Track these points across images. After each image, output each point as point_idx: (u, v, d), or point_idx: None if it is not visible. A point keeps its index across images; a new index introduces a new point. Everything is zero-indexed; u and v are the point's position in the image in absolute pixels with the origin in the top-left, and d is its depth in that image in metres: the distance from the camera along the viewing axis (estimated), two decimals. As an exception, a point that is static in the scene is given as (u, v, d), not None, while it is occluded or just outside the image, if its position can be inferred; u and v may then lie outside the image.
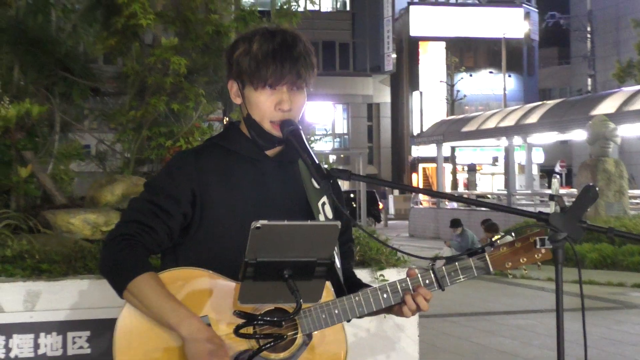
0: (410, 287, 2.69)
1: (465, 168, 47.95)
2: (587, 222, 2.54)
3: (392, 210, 49.12)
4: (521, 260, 2.73)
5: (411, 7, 57.16)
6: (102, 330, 4.30)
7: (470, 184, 44.16)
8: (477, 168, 48.01)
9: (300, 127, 2.67)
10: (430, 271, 2.72)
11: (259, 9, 7.20)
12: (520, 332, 11.16)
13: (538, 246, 2.64)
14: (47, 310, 4.31)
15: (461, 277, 2.72)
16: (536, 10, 61.56)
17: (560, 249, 2.54)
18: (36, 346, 4.24)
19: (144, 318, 2.52)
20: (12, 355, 4.20)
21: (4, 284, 4.29)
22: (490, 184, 51.52)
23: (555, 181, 25.02)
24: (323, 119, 53.01)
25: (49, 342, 4.27)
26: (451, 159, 42.03)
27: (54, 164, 6.57)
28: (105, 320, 4.26)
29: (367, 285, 2.83)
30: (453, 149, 39.93)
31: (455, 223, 19.72)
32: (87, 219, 5.47)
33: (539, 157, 49.22)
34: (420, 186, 54.35)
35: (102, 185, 5.92)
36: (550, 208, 21.92)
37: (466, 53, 58.12)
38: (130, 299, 2.51)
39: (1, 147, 5.90)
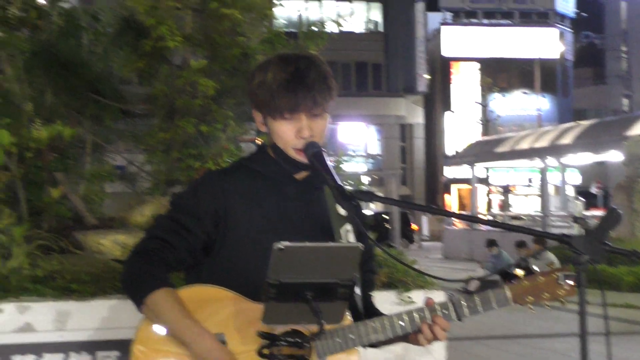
0: (428, 317, 2.68)
1: (499, 189, 47.71)
2: (610, 245, 2.51)
3: (426, 232, 48.92)
4: (543, 295, 2.66)
5: (444, 27, 57.12)
6: (130, 350, 4.32)
7: (505, 205, 43.90)
8: (511, 189, 47.74)
9: (324, 150, 2.68)
10: (449, 302, 2.70)
11: (288, 29, 7.24)
12: (556, 356, 11.03)
13: (560, 282, 2.60)
14: (77, 329, 4.35)
15: (479, 308, 2.70)
16: (570, 30, 61.24)
17: (584, 272, 2.52)
18: (66, 366, 4.28)
19: (159, 339, 2.54)
20: (42, 374, 4.24)
21: (35, 303, 4.34)
22: (524, 205, 51.15)
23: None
24: (356, 140, 53.05)
25: (79, 362, 4.31)
26: (485, 180, 41.79)
27: (85, 185, 6.64)
28: (134, 340, 4.28)
29: (385, 315, 2.83)
30: (487, 169, 39.67)
31: (492, 243, 19.64)
32: (117, 240, 5.52)
33: (574, 178, 48.83)
34: (454, 208, 54.08)
35: (131, 206, 5.98)
36: (574, 230, 21.73)
37: (499, 73, 57.88)
38: (147, 313, 2.54)
39: (33, 169, 5.98)
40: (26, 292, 4.45)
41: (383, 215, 38.11)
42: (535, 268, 16.86)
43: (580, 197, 42.85)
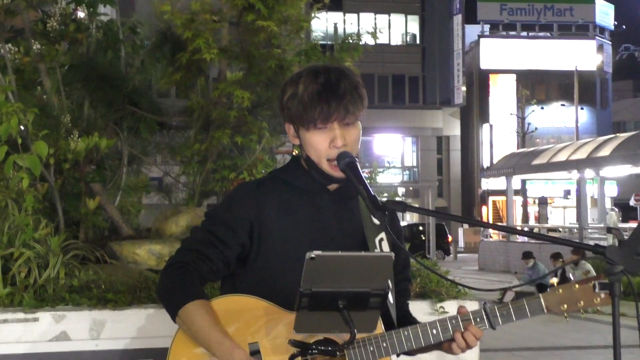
0: (461, 325, 2.69)
1: (536, 201, 47.33)
2: (645, 256, 2.50)
3: (461, 243, 48.70)
4: (578, 304, 2.67)
5: (482, 40, 56.91)
6: (165, 359, 4.35)
7: (542, 217, 43.56)
8: (549, 201, 47.36)
9: (357, 160, 2.69)
10: (482, 310, 2.70)
11: (324, 42, 7.27)
12: (591, 368, 10.94)
13: (597, 290, 2.60)
14: (112, 339, 4.38)
15: (513, 317, 2.70)
16: (609, 42, 60.76)
17: (617, 282, 2.51)
18: (101, 374, 4.31)
19: (193, 349, 2.58)
20: (78, 382, 4.28)
21: (71, 312, 4.38)
22: (562, 217, 50.73)
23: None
24: (392, 151, 52.99)
25: (114, 371, 4.34)
26: (522, 192, 41.47)
27: (121, 197, 6.71)
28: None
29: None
30: (524, 181, 39.34)
31: (528, 255, 19.54)
32: (152, 250, 5.56)
33: (612, 190, 48.35)
34: (491, 219, 53.75)
35: (167, 217, 6.03)
36: (608, 241, 21.50)
37: (537, 85, 57.55)
38: (181, 324, 2.58)
39: (71, 180, 6.04)
40: (62, 301, 4.49)
41: (418, 227, 38.04)
42: (571, 276, 16.76)
43: (615, 208, 42.38)
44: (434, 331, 2.68)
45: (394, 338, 2.65)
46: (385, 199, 2.64)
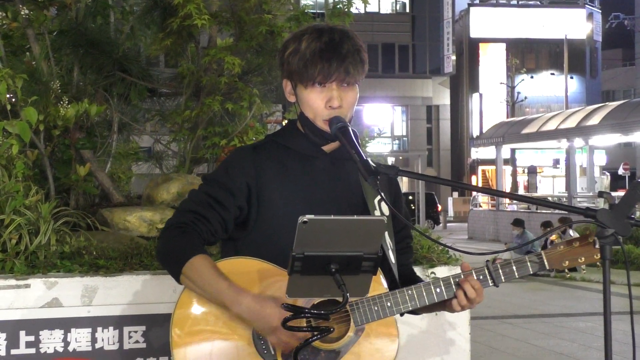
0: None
1: (526, 170, 47.45)
2: (635, 219, 2.52)
3: (451, 213, 48.85)
4: (579, 259, 2.73)
5: (471, 8, 56.75)
6: (157, 325, 4.37)
7: (531, 187, 43.70)
8: (538, 170, 47.47)
9: (349, 124, 2.69)
10: (485, 267, 2.73)
11: (313, 10, 7.24)
12: (579, 335, 11.03)
13: (597, 245, 2.62)
14: (104, 305, 4.39)
15: (516, 273, 2.73)
16: (599, 11, 60.64)
17: (608, 245, 2.53)
18: (93, 340, 4.32)
19: (200, 307, 2.58)
20: (70, 348, 4.29)
21: (63, 279, 4.38)
22: (551, 186, 50.90)
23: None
24: (382, 120, 52.97)
25: (106, 337, 4.35)
26: (511, 161, 41.56)
27: (112, 163, 6.69)
28: (160, 315, 4.34)
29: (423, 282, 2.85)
30: (513, 151, 39.46)
31: (518, 222, 19.62)
32: (144, 217, 5.56)
33: (601, 159, 48.49)
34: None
35: (158, 184, 6.01)
36: (599, 204, 21.62)
37: (527, 54, 57.51)
38: (186, 282, 2.58)
39: (61, 147, 6.02)
40: (54, 267, 4.49)
41: (408, 197, 38.14)
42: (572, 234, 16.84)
43: (606, 172, 42.56)
44: (438, 289, 2.70)
45: (398, 297, 2.67)
46: (376, 163, 2.64)
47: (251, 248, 2.70)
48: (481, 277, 2.71)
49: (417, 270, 4.83)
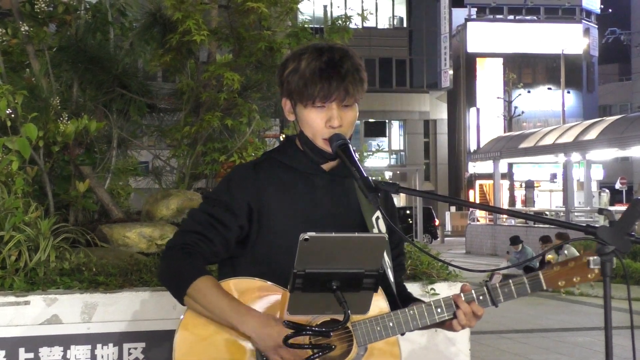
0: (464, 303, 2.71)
1: (523, 185, 47.47)
2: (635, 236, 2.53)
3: (448, 227, 48.83)
4: (574, 279, 2.74)
5: (469, 23, 56.91)
6: (157, 342, 4.36)
7: (528, 201, 43.70)
8: (535, 185, 47.49)
9: (350, 142, 2.70)
10: (484, 287, 2.74)
11: (312, 25, 7.25)
12: (578, 349, 11.02)
13: (591, 266, 2.65)
14: (104, 321, 4.38)
15: (514, 294, 2.74)
16: (595, 26, 60.83)
17: (609, 262, 2.54)
18: (93, 357, 4.31)
19: (203, 328, 2.58)
20: (69, 365, 4.28)
21: (62, 295, 4.37)
22: (548, 200, 50.88)
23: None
24: (379, 135, 52.99)
25: (106, 353, 4.34)
26: (508, 176, 41.58)
27: (111, 179, 6.69)
28: (160, 332, 4.33)
29: (417, 300, 2.86)
30: (510, 165, 39.47)
31: (515, 240, 19.62)
32: (143, 233, 5.56)
33: (598, 173, 48.52)
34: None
35: (157, 200, 6.01)
36: (599, 221, 21.62)
37: (524, 69, 57.65)
38: (191, 303, 2.57)
39: (60, 163, 6.02)
40: (53, 284, 4.49)
41: (406, 211, 38.12)
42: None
43: (606, 189, 42.56)
44: (439, 310, 2.70)
45: (400, 317, 2.67)
46: (376, 180, 2.65)
47: (250, 266, 2.70)
48: (481, 297, 2.72)
49: (417, 286, 4.87)
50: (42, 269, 4.58)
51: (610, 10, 62.69)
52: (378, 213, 2.85)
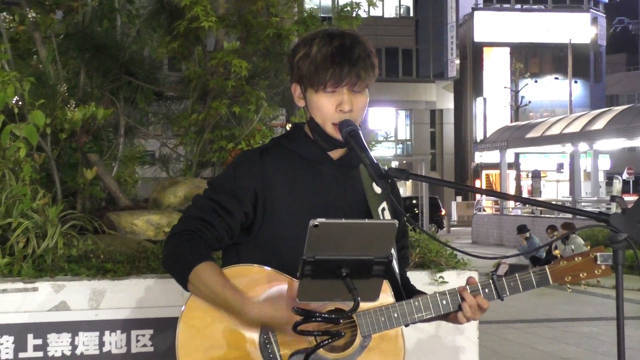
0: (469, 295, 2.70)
1: (530, 175, 47.44)
2: (648, 223, 2.51)
3: (454, 217, 48.80)
4: (581, 275, 2.75)
5: (475, 12, 56.72)
6: (164, 329, 4.36)
7: (535, 191, 43.66)
8: (542, 175, 47.46)
9: (359, 128, 2.68)
10: (490, 280, 2.72)
11: (320, 14, 7.23)
12: (585, 339, 11.01)
13: (598, 262, 2.64)
14: (112, 308, 4.38)
15: (521, 288, 2.73)
16: (603, 15, 60.60)
17: (621, 250, 2.53)
18: (101, 344, 4.32)
19: (207, 314, 2.57)
20: (77, 352, 4.28)
21: (70, 282, 4.38)
22: (555, 190, 50.82)
23: (617, 182, 24.68)
24: (385, 125, 52.95)
25: (114, 340, 4.34)
26: (515, 166, 41.52)
27: (119, 167, 6.69)
28: (168, 318, 4.32)
29: (421, 292, 2.85)
30: (517, 155, 39.41)
31: (522, 229, 19.61)
32: (150, 220, 5.56)
33: (605, 164, 48.43)
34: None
35: (164, 188, 6.01)
36: (612, 209, 21.59)
37: (531, 59, 57.47)
38: (193, 289, 2.57)
39: (68, 150, 6.02)
40: (61, 271, 4.49)
41: (412, 201, 38.12)
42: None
43: (619, 176, 42.53)
44: (444, 301, 2.70)
45: (405, 308, 2.66)
46: (386, 167, 2.64)
47: (254, 253, 2.69)
48: (487, 291, 2.71)
49: (425, 274, 4.85)
50: (50, 255, 4.58)
51: (617, -1, 62.52)
52: (384, 204, 2.84)
